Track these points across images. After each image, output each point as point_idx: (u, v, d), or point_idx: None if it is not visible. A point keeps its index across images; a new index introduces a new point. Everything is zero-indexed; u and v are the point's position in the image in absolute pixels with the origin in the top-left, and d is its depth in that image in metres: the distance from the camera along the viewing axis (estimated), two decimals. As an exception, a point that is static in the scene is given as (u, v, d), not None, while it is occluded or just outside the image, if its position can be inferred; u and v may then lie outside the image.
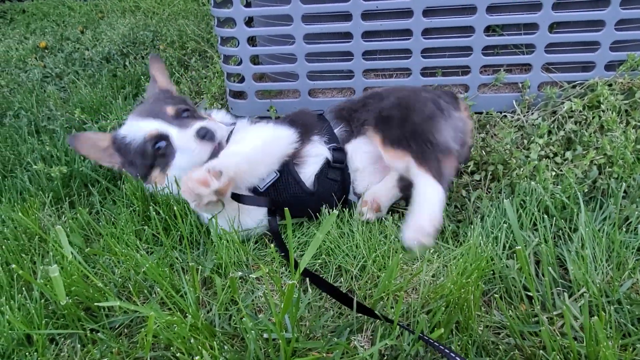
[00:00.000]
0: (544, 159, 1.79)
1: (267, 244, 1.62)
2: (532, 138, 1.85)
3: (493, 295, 1.32)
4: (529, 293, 1.27)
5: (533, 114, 2.01)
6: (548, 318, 1.23)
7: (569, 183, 1.61)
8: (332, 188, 1.68)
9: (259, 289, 1.39)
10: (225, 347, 1.18)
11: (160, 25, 3.90)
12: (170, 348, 1.20)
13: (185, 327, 1.16)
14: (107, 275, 1.45)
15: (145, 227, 1.63)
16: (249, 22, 2.39)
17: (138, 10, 4.64)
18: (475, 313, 1.22)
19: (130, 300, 1.38)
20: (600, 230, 1.46)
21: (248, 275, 1.43)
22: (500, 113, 2.09)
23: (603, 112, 1.88)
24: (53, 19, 4.89)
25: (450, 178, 1.69)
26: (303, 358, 1.13)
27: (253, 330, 1.15)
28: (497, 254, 1.42)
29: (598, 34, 1.95)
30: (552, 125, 1.93)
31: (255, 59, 2.59)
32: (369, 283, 1.39)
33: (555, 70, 2.08)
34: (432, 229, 1.42)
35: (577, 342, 1.14)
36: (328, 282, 1.37)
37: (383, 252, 1.46)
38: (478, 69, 2.07)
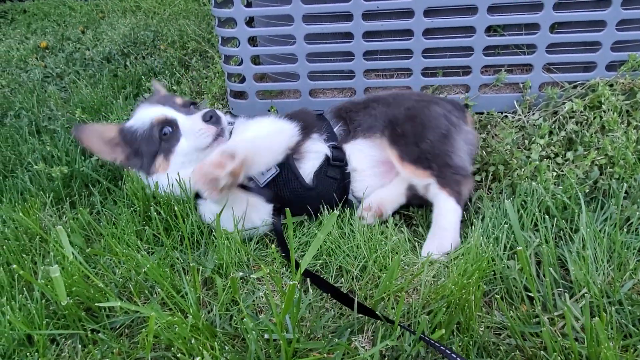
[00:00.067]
0: (545, 160, 1.79)
1: (268, 245, 1.62)
2: (533, 138, 1.85)
3: (494, 296, 1.32)
4: (530, 294, 1.27)
5: (534, 114, 2.01)
6: (549, 319, 1.23)
7: (570, 183, 1.61)
8: (331, 186, 1.68)
9: (260, 290, 1.39)
10: (226, 347, 1.18)
11: (161, 25, 3.90)
12: (171, 348, 1.20)
13: (186, 327, 1.16)
14: (107, 276, 1.45)
15: (146, 227, 1.63)
16: (250, 22, 2.39)
17: (139, 10, 4.64)
18: (476, 314, 1.21)
19: (131, 301, 1.38)
20: (602, 231, 1.46)
21: (249, 276, 1.43)
22: (501, 113, 2.09)
23: (604, 112, 1.88)
24: (54, 19, 4.89)
25: (467, 198, 1.70)
26: (304, 359, 1.13)
27: (254, 331, 1.15)
28: (498, 255, 1.42)
29: (599, 34, 1.94)
30: (553, 126, 1.93)
31: (256, 59, 2.59)
32: (370, 283, 1.39)
33: (557, 71, 2.08)
34: (453, 248, 1.53)
35: (578, 342, 1.14)
36: (329, 282, 1.37)
37: (384, 252, 1.46)
38: (479, 69, 2.07)
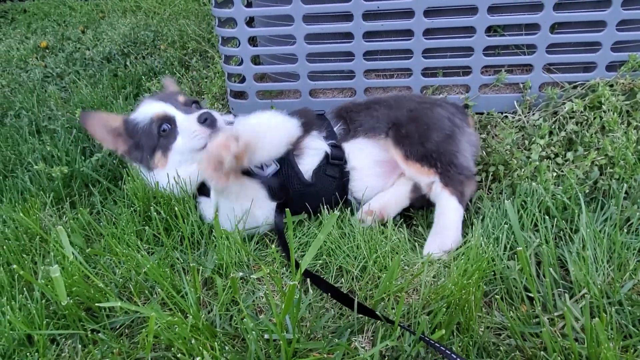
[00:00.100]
0: (545, 160, 1.79)
1: (268, 245, 1.62)
2: (533, 139, 1.85)
3: (494, 296, 1.32)
4: (530, 294, 1.27)
5: (534, 115, 2.01)
6: (549, 319, 1.23)
7: (570, 184, 1.61)
8: (330, 185, 1.68)
9: (260, 290, 1.39)
10: (226, 347, 1.18)
11: (161, 25, 3.90)
12: (171, 349, 1.20)
13: (186, 327, 1.16)
14: (108, 276, 1.45)
15: (146, 227, 1.63)
16: (250, 22, 2.39)
17: (139, 10, 4.64)
18: (476, 314, 1.21)
19: (131, 301, 1.38)
20: (602, 231, 1.46)
21: (249, 276, 1.43)
22: (502, 113, 2.09)
23: (604, 112, 1.88)
24: (54, 19, 4.89)
25: (469, 199, 1.70)
26: (304, 359, 1.13)
27: (254, 331, 1.15)
28: (498, 255, 1.42)
29: (599, 35, 1.94)
30: (553, 126, 1.93)
31: (256, 59, 2.59)
32: (370, 284, 1.39)
33: (557, 71, 2.08)
34: (454, 246, 1.53)
35: (578, 343, 1.14)
36: (329, 282, 1.37)
37: (384, 252, 1.46)
38: (479, 70, 2.07)
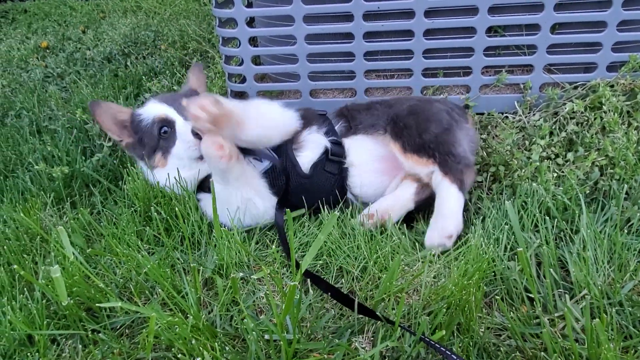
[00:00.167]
0: (546, 160, 1.79)
1: (268, 245, 1.62)
2: (533, 139, 1.85)
3: (494, 297, 1.32)
4: (530, 295, 1.27)
5: (534, 115, 2.01)
6: (549, 320, 1.23)
7: (571, 184, 1.61)
8: (328, 181, 1.69)
9: (261, 290, 1.39)
10: (227, 348, 1.18)
11: (162, 25, 3.90)
12: (172, 349, 1.20)
13: (187, 328, 1.16)
14: (108, 276, 1.45)
15: (147, 227, 1.63)
16: (251, 22, 2.39)
17: (139, 10, 4.64)
18: (477, 315, 1.21)
19: (132, 301, 1.38)
20: (602, 232, 1.46)
21: (249, 276, 1.43)
22: (502, 114, 2.09)
23: (605, 113, 1.88)
24: (54, 19, 4.89)
25: (469, 188, 1.71)
26: (304, 359, 1.13)
27: (254, 331, 1.15)
28: (498, 256, 1.42)
29: (600, 35, 1.94)
30: (553, 127, 1.93)
31: (257, 60, 2.59)
32: (370, 284, 1.39)
33: (557, 71, 2.08)
34: (455, 233, 1.52)
35: (578, 344, 1.14)
36: (329, 283, 1.37)
37: (384, 253, 1.46)
38: (480, 70, 2.07)
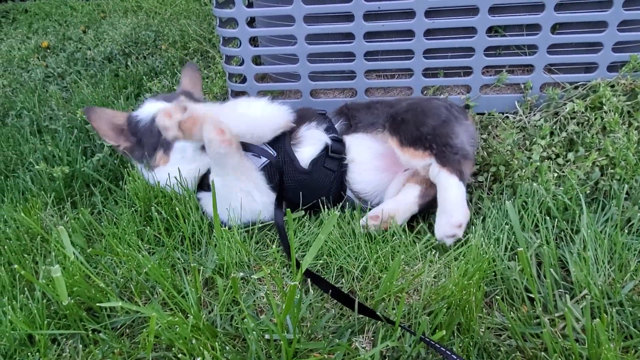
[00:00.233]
0: (546, 160, 1.79)
1: (268, 245, 1.62)
2: (534, 139, 1.85)
3: (494, 297, 1.32)
4: (531, 295, 1.27)
5: (535, 115, 2.01)
6: (550, 320, 1.23)
7: (571, 184, 1.61)
8: (327, 178, 1.69)
9: (261, 290, 1.39)
10: (227, 347, 1.18)
11: (162, 25, 3.90)
12: (172, 349, 1.20)
13: (187, 327, 1.16)
14: (108, 276, 1.45)
15: (147, 227, 1.63)
16: (251, 22, 2.39)
17: (140, 10, 4.64)
18: (477, 315, 1.22)
19: (132, 301, 1.38)
20: (602, 232, 1.46)
21: (250, 276, 1.43)
22: (502, 114, 2.09)
23: (605, 113, 1.88)
24: (55, 19, 4.89)
25: (468, 180, 1.71)
26: (304, 359, 1.13)
27: (255, 331, 1.15)
28: (498, 256, 1.42)
29: (601, 35, 1.94)
30: (554, 127, 1.92)
31: (257, 60, 2.59)
32: (371, 284, 1.39)
33: (558, 71, 2.08)
34: (464, 221, 1.51)
35: (578, 344, 1.13)
36: (330, 282, 1.37)
37: (385, 253, 1.46)
38: (480, 70, 2.07)
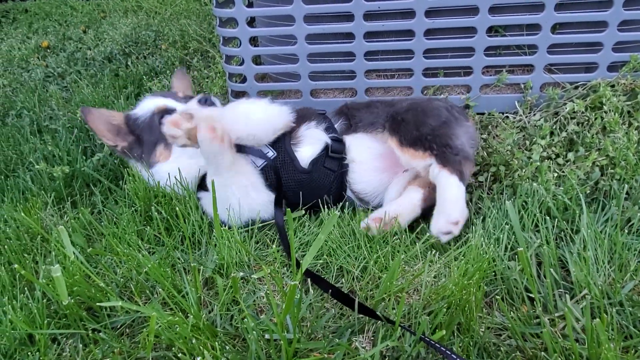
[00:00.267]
0: (546, 160, 1.79)
1: (268, 245, 1.62)
2: (534, 139, 1.85)
3: (495, 297, 1.32)
4: (531, 294, 1.27)
5: (535, 115, 2.01)
6: (550, 320, 1.23)
7: (571, 184, 1.61)
8: (327, 177, 1.69)
9: (261, 290, 1.39)
10: (227, 347, 1.18)
11: (163, 25, 3.90)
12: (172, 348, 1.20)
13: (187, 327, 1.16)
14: (109, 275, 1.45)
15: (147, 227, 1.63)
16: (251, 22, 2.39)
17: (140, 10, 4.64)
18: (477, 314, 1.22)
19: (132, 301, 1.38)
20: (602, 232, 1.46)
21: (250, 276, 1.43)
22: (502, 114, 2.09)
23: (605, 113, 1.88)
24: (55, 19, 4.89)
25: (468, 180, 1.71)
26: (304, 359, 1.13)
27: (255, 331, 1.15)
28: (498, 255, 1.42)
29: (601, 35, 1.94)
30: (554, 127, 1.92)
31: (257, 59, 2.59)
32: (371, 284, 1.39)
33: (558, 71, 2.08)
34: (461, 219, 1.51)
35: (578, 344, 1.14)
36: (330, 282, 1.37)
37: (385, 253, 1.46)
38: (480, 70, 2.07)
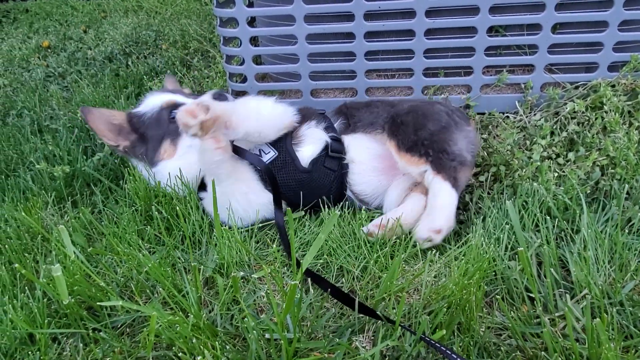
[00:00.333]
0: (547, 160, 1.79)
1: (269, 244, 1.62)
2: (534, 139, 1.85)
3: (495, 297, 1.32)
4: (531, 294, 1.27)
5: (535, 115, 2.01)
6: (550, 319, 1.23)
7: (572, 184, 1.61)
8: (327, 177, 1.69)
9: (261, 289, 1.39)
10: (227, 347, 1.18)
11: (163, 25, 3.90)
12: (172, 348, 1.20)
13: (187, 327, 1.16)
14: (109, 275, 1.45)
15: (148, 226, 1.63)
16: (252, 22, 2.39)
17: (141, 10, 4.64)
18: (477, 314, 1.22)
19: (133, 300, 1.38)
20: (603, 232, 1.46)
21: (250, 275, 1.43)
22: (503, 114, 2.09)
23: (606, 113, 1.88)
24: (56, 19, 4.90)
25: (463, 187, 1.72)
26: (305, 358, 1.13)
27: (255, 330, 1.15)
28: (499, 255, 1.42)
29: (601, 35, 1.94)
30: (554, 126, 1.92)
31: (258, 59, 2.59)
32: (371, 284, 1.39)
33: (558, 71, 2.08)
34: (445, 228, 1.50)
35: (579, 343, 1.14)
36: (330, 282, 1.37)
37: (385, 252, 1.46)
38: (480, 70, 2.07)
